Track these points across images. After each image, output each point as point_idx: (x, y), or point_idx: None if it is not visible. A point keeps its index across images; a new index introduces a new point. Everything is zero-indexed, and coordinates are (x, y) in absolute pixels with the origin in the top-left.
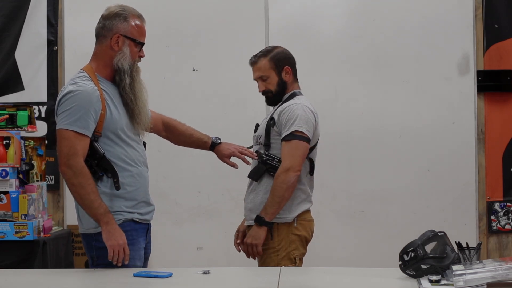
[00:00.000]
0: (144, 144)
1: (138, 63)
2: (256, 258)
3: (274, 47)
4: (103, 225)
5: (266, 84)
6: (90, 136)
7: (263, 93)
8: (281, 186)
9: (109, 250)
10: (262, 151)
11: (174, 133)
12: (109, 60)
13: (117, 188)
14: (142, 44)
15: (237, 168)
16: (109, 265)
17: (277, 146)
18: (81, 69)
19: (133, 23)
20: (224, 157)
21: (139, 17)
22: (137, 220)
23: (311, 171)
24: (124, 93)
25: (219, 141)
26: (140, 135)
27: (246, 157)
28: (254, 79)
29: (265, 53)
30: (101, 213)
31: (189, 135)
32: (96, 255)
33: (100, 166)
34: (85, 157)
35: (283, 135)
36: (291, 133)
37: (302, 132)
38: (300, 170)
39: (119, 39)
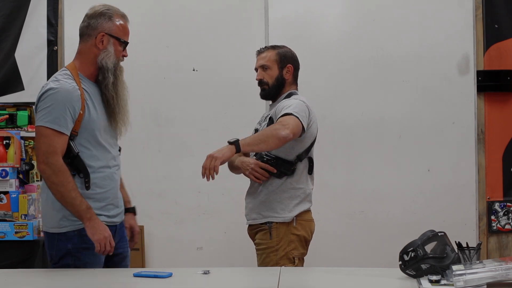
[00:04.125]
0: (119, 149)
1: (121, 63)
2: (256, 258)
3: (284, 46)
4: (86, 221)
5: (264, 75)
6: (68, 134)
7: (260, 83)
8: (270, 130)
9: (95, 244)
10: (263, 152)
11: None
12: (93, 58)
13: (87, 188)
14: (126, 43)
15: None
16: (67, 265)
17: None
18: (65, 67)
19: (117, 23)
20: None
21: (123, 16)
22: (104, 222)
23: (310, 170)
24: (106, 91)
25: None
26: (117, 138)
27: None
28: (256, 68)
29: (274, 46)
30: (84, 210)
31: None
32: (56, 255)
33: (72, 165)
34: (63, 155)
35: (277, 118)
36: (285, 113)
37: (297, 113)
38: (293, 134)
39: (104, 37)
